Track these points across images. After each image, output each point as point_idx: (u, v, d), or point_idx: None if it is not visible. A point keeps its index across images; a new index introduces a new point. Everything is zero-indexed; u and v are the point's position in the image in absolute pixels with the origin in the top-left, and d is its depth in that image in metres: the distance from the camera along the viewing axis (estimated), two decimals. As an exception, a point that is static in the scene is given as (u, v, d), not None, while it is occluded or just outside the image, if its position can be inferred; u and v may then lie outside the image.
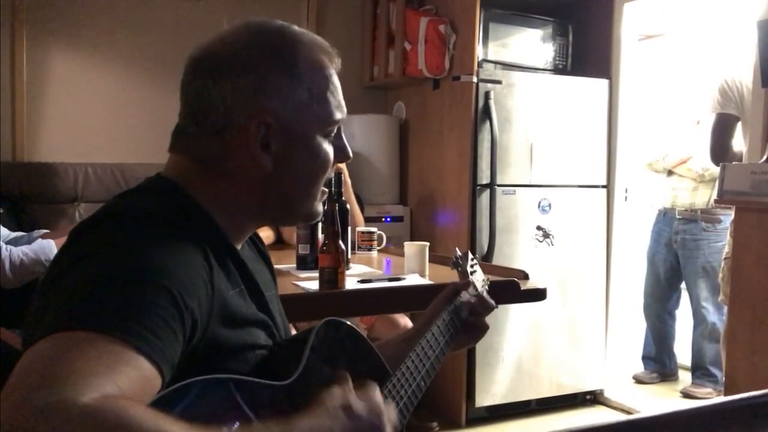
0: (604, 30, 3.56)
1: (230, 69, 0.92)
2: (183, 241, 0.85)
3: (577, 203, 3.45)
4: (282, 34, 0.97)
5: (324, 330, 0.96)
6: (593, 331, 3.53)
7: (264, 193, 0.96)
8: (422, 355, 1.15)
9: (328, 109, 0.98)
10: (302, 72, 0.95)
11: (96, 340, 0.66)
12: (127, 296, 0.73)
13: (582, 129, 3.45)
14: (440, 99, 3.40)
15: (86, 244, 0.82)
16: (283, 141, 0.94)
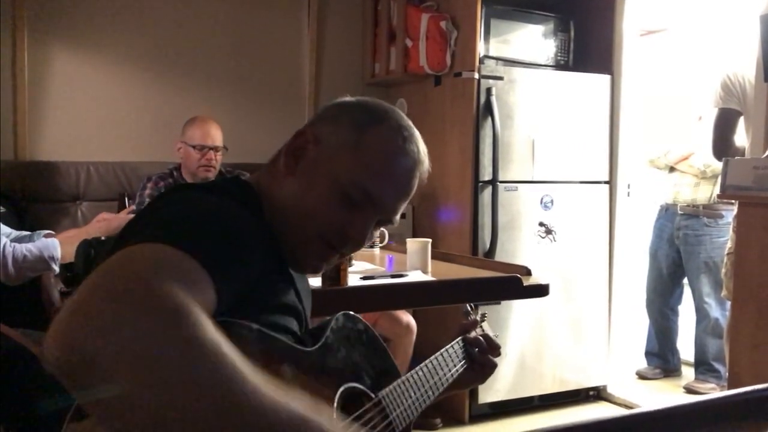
0: (606, 25, 3.55)
1: (352, 105, 1.07)
2: (250, 219, 0.91)
3: (580, 199, 3.45)
4: (387, 108, 1.07)
5: (343, 319, 1.03)
6: (596, 327, 3.52)
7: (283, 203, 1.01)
8: (431, 369, 1.22)
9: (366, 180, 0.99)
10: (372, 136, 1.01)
11: (175, 252, 0.70)
12: (207, 230, 0.78)
13: (584, 125, 3.44)
14: (442, 95, 3.40)
15: (174, 196, 0.90)
16: (312, 164, 1.01)
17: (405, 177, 1.02)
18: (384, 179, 1.00)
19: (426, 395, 1.17)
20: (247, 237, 0.85)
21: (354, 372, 1.00)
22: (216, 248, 0.76)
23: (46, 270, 2.07)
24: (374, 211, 1.01)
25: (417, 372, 1.17)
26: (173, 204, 0.86)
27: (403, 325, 2.86)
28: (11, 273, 2.02)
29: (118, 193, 2.82)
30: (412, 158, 1.03)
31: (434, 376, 1.22)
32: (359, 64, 3.82)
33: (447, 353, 1.30)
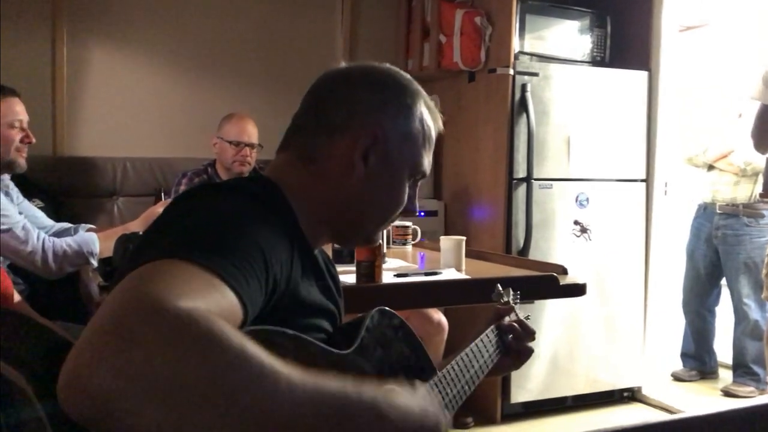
0: (644, 21, 3.49)
1: (366, 84, 1.04)
2: (274, 221, 0.90)
3: (616, 197, 3.39)
4: (413, 83, 1.09)
5: (378, 316, 1.01)
6: (631, 327, 3.47)
7: (344, 201, 1.03)
8: (467, 362, 1.19)
9: (423, 157, 1.07)
10: (417, 115, 1.05)
11: (191, 267, 0.68)
12: (223, 240, 0.76)
13: (620, 122, 3.39)
14: (475, 92, 3.37)
15: (187, 203, 0.89)
16: (380, 160, 1.01)
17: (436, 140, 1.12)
18: (430, 150, 1.09)
19: (463, 390, 1.14)
20: (270, 240, 0.83)
21: (391, 371, 0.98)
22: (233, 256, 0.73)
23: (85, 264, 2.11)
24: (421, 177, 1.09)
25: (453, 366, 1.15)
26: (190, 211, 0.84)
27: (434, 323, 2.84)
28: (51, 267, 2.05)
29: (154, 188, 2.85)
30: (439, 119, 1.11)
31: (470, 368, 1.19)
32: (392, 61, 3.74)
33: (482, 342, 1.27)
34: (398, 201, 1.06)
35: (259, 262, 0.77)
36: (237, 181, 1.03)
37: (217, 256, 0.71)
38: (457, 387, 1.12)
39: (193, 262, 0.68)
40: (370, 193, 1.03)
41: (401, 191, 1.05)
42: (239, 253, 0.75)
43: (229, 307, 0.69)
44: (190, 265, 0.68)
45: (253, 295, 0.74)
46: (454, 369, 1.13)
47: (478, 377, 1.21)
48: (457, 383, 1.12)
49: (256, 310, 0.75)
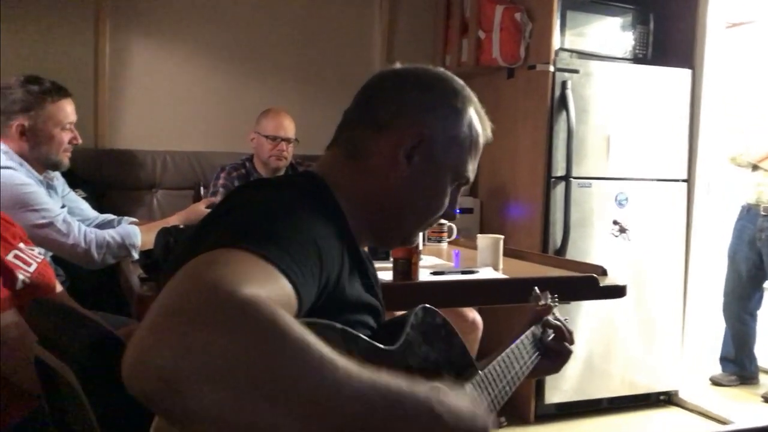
0: (688, 18, 3.41)
1: (417, 84, 1.05)
2: (326, 217, 0.91)
3: (656, 197, 3.33)
4: (465, 88, 1.09)
5: (422, 313, 1.01)
6: (669, 329, 3.41)
7: (385, 199, 1.03)
8: (508, 363, 1.18)
9: (467, 163, 1.07)
10: (466, 119, 1.06)
11: (252, 257, 0.69)
12: (281, 233, 0.77)
13: (662, 120, 3.32)
14: (514, 88, 3.34)
15: (246, 196, 0.90)
16: (425, 160, 1.02)
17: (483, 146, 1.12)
18: (476, 156, 1.09)
19: (504, 390, 1.14)
20: (320, 235, 0.84)
21: (435, 370, 0.98)
22: (290, 248, 0.75)
23: (126, 256, 2.14)
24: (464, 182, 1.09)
25: (495, 367, 1.14)
26: (247, 204, 0.86)
27: (468, 321, 2.82)
28: (94, 258, 2.08)
29: (194, 182, 2.88)
30: (487, 127, 1.11)
31: (511, 370, 1.19)
32: (429, 56, 3.78)
33: (522, 344, 1.27)
34: (439, 204, 1.06)
35: (314, 257, 0.79)
36: (288, 178, 1.05)
37: (276, 247, 0.73)
38: (498, 387, 1.11)
39: (254, 252, 0.69)
40: (411, 193, 1.03)
41: (443, 194, 1.05)
42: (296, 246, 0.76)
43: (286, 297, 0.70)
44: (250, 254, 0.69)
45: (308, 288, 0.75)
46: (496, 369, 1.13)
47: (519, 378, 1.21)
48: (498, 384, 1.12)
49: (309, 303, 0.76)
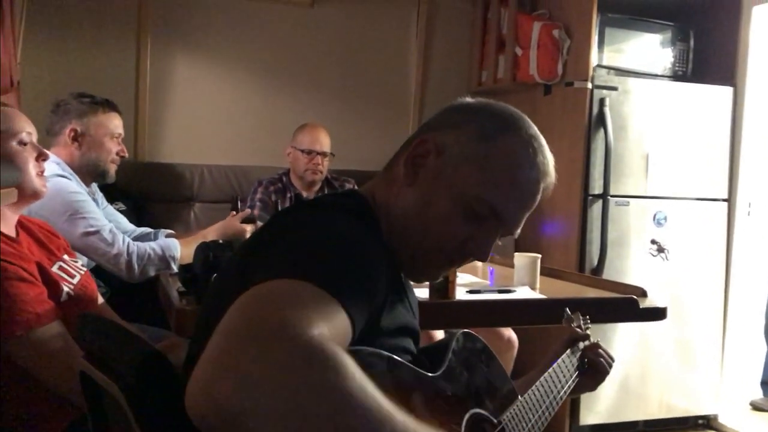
0: (730, 35, 3.37)
1: (470, 110, 1.03)
2: (372, 240, 0.89)
3: (695, 217, 3.28)
4: (524, 124, 1.02)
5: (463, 338, 1.01)
6: (708, 351, 3.34)
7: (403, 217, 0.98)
8: (547, 387, 1.18)
9: (500, 200, 0.96)
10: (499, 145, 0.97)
11: (313, 288, 0.69)
12: (336, 259, 0.77)
13: (702, 139, 3.27)
14: (551, 105, 3.32)
15: (295, 220, 0.90)
16: (430, 175, 0.97)
17: (531, 191, 0.99)
18: (511, 194, 0.97)
19: (544, 416, 1.13)
20: (372, 262, 0.83)
21: (476, 396, 0.98)
22: (347, 278, 0.74)
23: (166, 269, 2.16)
24: (497, 224, 0.97)
25: (534, 392, 1.14)
26: (298, 229, 0.85)
27: (504, 339, 2.80)
28: (135, 270, 2.12)
29: (231, 196, 2.91)
30: (540, 170, 0.99)
31: (550, 393, 1.18)
32: (466, 72, 3.79)
33: (560, 367, 1.26)
34: (446, 231, 0.95)
35: (367, 285, 0.79)
36: (333, 198, 1.04)
37: (336, 279, 0.73)
38: (538, 413, 1.10)
39: (314, 283, 0.69)
40: (418, 211, 0.96)
41: (448, 221, 0.95)
42: (352, 276, 0.76)
43: (344, 331, 0.70)
44: (310, 285, 0.69)
45: (361, 319, 0.75)
46: (536, 394, 1.13)
47: (558, 402, 1.20)
48: (539, 408, 1.11)
49: (359, 331, 0.76)
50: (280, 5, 3.45)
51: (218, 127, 3.40)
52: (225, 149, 3.39)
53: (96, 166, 2.31)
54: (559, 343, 1.38)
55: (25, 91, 2.78)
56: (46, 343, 1.44)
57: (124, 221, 2.52)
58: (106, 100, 2.36)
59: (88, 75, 3.11)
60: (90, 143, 2.29)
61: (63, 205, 2.08)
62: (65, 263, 1.71)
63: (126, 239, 2.16)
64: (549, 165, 1.01)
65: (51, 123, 2.29)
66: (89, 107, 2.30)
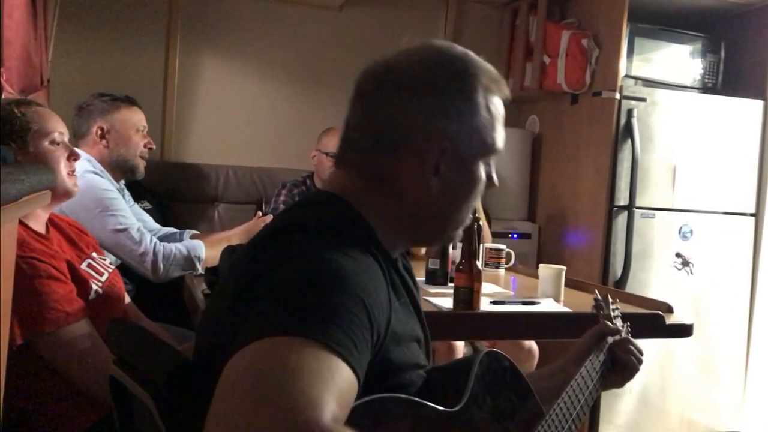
0: (762, 47, 3.33)
1: (418, 88, 0.95)
2: (364, 254, 0.87)
3: (722, 231, 3.24)
4: (465, 59, 0.99)
5: (487, 360, 0.97)
6: (731, 367, 3.30)
7: (424, 213, 0.98)
8: (573, 398, 1.14)
9: (494, 138, 1.00)
10: (481, 99, 0.97)
11: (307, 347, 0.67)
12: (329, 304, 0.73)
13: (731, 152, 3.24)
14: (578, 114, 3.30)
15: (274, 256, 0.84)
16: (452, 165, 0.96)
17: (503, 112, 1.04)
18: (502, 124, 1.02)
19: (570, 429, 1.10)
20: (369, 288, 0.80)
21: (501, 421, 0.95)
22: (347, 326, 0.72)
23: (191, 270, 2.18)
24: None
25: (561, 405, 1.09)
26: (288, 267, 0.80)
27: (525, 349, 2.78)
28: (160, 270, 2.14)
29: (255, 197, 2.93)
30: (501, 82, 1.02)
31: (576, 405, 1.13)
32: (492, 80, 3.77)
33: (586, 371, 1.21)
34: (478, 190, 1.01)
35: (365, 321, 0.75)
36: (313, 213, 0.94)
37: (329, 326, 0.70)
38: (565, 427, 1.08)
39: (309, 338, 0.67)
40: (450, 198, 0.98)
41: (479, 180, 1.00)
42: (347, 316, 0.73)
43: (348, 387, 0.68)
44: (306, 342, 0.67)
45: (363, 361, 0.73)
46: (561, 408, 1.09)
47: (585, 412, 1.16)
48: (565, 423, 1.08)
49: (365, 372, 0.73)
50: (309, 8, 3.47)
51: (244, 128, 3.42)
52: (250, 151, 3.41)
53: (125, 161, 2.35)
54: (587, 335, 1.32)
55: (55, 89, 2.82)
56: (74, 341, 1.46)
57: (150, 220, 2.54)
58: (126, 96, 2.40)
59: (117, 74, 3.14)
60: (117, 139, 2.33)
61: (94, 202, 2.11)
62: (94, 261, 1.73)
63: (153, 239, 2.18)
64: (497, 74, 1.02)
65: (77, 125, 2.32)
66: (111, 105, 2.34)
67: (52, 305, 1.44)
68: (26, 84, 2.21)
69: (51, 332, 1.44)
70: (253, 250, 0.87)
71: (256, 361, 0.65)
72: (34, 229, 1.57)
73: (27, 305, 1.41)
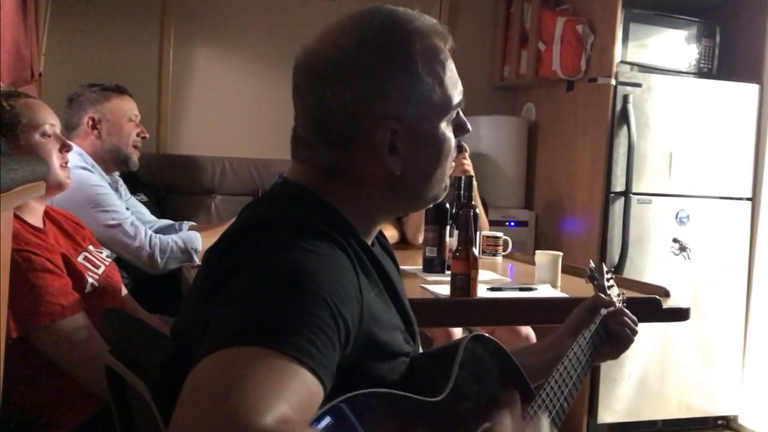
0: (757, 32, 3.31)
1: (347, 75, 0.90)
2: (332, 247, 0.85)
3: (719, 216, 3.24)
4: (393, 26, 0.93)
5: (472, 345, 0.95)
6: (729, 351, 3.31)
7: (394, 193, 0.96)
8: (565, 375, 1.12)
9: (447, 95, 0.96)
10: (419, 65, 0.92)
11: (263, 356, 0.67)
12: (288, 309, 0.72)
13: (727, 137, 3.23)
14: (574, 101, 3.29)
15: (239, 258, 0.82)
16: (409, 141, 0.93)
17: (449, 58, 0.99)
18: (453, 75, 0.97)
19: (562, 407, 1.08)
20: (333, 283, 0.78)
21: (488, 408, 0.93)
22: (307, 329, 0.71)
23: (188, 261, 2.18)
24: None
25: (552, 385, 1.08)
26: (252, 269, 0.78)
27: (522, 336, 2.78)
28: (157, 263, 2.13)
29: (251, 188, 2.92)
30: (441, 33, 0.98)
31: (568, 382, 1.11)
32: (488, 67, 3.76)
33: (578, 346, 1.18)
34: (448, 152, 0.97)
35: (327, 318, 0.74)
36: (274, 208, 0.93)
37: (287, 332, 0.69)
38: (557, 405, 1.06)
39: (266, 347, 0.67)
40: (417, 170, 0.95)
41: (445, 143, 0.96)
42: (307, 318, 0.72)
43: (309, 392, 0.68)
44: (262, 352, 0.67)
45: (328, 362, 0.72)
46: (552, 388, 1.07)
47: (577, 389, 1.14)
48: (557, 401, 1.06)
49: (333, 373, 0.73)
50: (303, -2, 3.46)
51: (240, 119, 3.42)
52: (246, 142, 3.40)
53: (118, 151, 2.33)
54: (581, 307, 1.31)
55: (48, 82, 2.81)
56: (71, 334, 1.46)
57: (146, 213, 2.54)
58: (116, 86, 2.38)
59: (110, 67, 3.13)
60: (109, 129, 2.31)
61: (85, 198, 2.09)
62: (90, 254, 1.73)
63: (148, 232, 2.17)
64: (436, 24, 0.98)
65: (68, 117, 2.30)
66: (101, 94, 2.33)
67: (47, 298, 1.44)
68: (16, 77, 2.20)
69: (47, 325, 1.44)
70: (222, 245, 0.86)
71: (211, 371, 0.66)
72: (30, 222, 1.56)
73: (22, 299, 1.41)
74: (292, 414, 0.63)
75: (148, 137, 2.45)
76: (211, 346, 0.68)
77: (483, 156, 3.42)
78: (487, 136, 3.47)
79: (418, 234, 2.73)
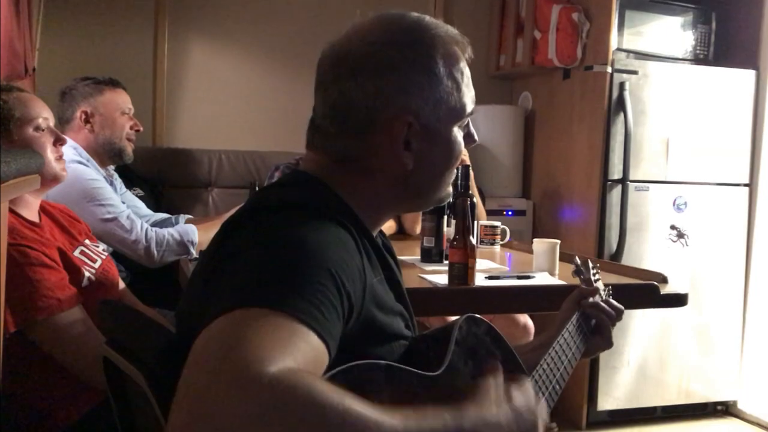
0: (753, 17, 3.31)
1: (372, 69, 0.94)
2: (337, 228, 0.87)
3: (716, 202, 3.24)
4: (420, 29, 0.98)
5: (466, 325, 0.97)
6: (728, 337, 3.31)
7: (403, 188, 0.99)
8: (556, 359, 1.16)
9: (463, 101, 1.00)
10: (441, 68, 0.97)
11: (269, 316, 0.67)
12: (294, 277, 0.74)
13: (724, 123, 3.23)
14: (570, 89, 3.28)
15: (246, 235, 0.85)
16: (423, 138, 0.97)
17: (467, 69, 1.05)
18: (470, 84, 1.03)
19: (555, 389, 1.13)
20: (338, 260, 0.80)
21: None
22: (313, 295, 0.73)
23: (185, 254, 2.18)
24: None
25: (543, 366, 1.12)
26: (259, 243, 0.81)
27: (520, 325, 2.78)
28: (154, 256, 2.13)
29: (248, 181, 2.92)
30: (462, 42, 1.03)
31: (560, 366, 1.16)
32: (484, 56, 3.75)
33: (568, 333, 1.23)
34: (457, 156, 1.02)
35: (333, 290, 0.76)
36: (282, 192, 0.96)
37: (293, 296, 0.71)
38: (549, 387, 1.10)
39: (272, 309, 0.68)
40: (428, 169, 0.99)
41: (456, 144, 1.01)
42: (312, 286, 0.74)
43: (314, 353, 0.69)
44: (269, 312, 0.68)
45: (333, 329, 0.73)
46: (544, 369, 1.12)
47: (568, 372, 1.19)
48: (549, 383, 1.11)
49: (337, 341, 0.74)
50: (298, -11, 3.44)
51: (236, 112, 3.41)
52: (242, 134, 3.40)
53: (112, 145, 2.32)
54: (566, 302, 1.36)
55: (42, 77, 2.80)
56: (68, 328, 1.46)
57: (143, 206, 2.53)
58: (110, 78, 2.38)
59: (105, 61, 3.11)
60: (102, 122, 2.31)
61: (80, 193, 2.09)
62: (87, 248, 1.72)
63: (144, 225, 2.17)
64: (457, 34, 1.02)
65: (61, 111, 2.30)
66: (94, 88, 2.32)
67: (44, 293, 1.44)
68: (9, 72, 2.19)
69: (44, 320, 1.43)
70: (227, 227, 0.89)
71: (218, 332, 0.66)
72: (26, 217, 1.56)
73: (19, 293, 1.40)
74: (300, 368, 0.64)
75: (142, 130, 2.44)
76: (216, 311, 0.69)
77: (480, 145, 3.42)
78: (483, 125, 3.46)
79: (416, 224, 2.74)
